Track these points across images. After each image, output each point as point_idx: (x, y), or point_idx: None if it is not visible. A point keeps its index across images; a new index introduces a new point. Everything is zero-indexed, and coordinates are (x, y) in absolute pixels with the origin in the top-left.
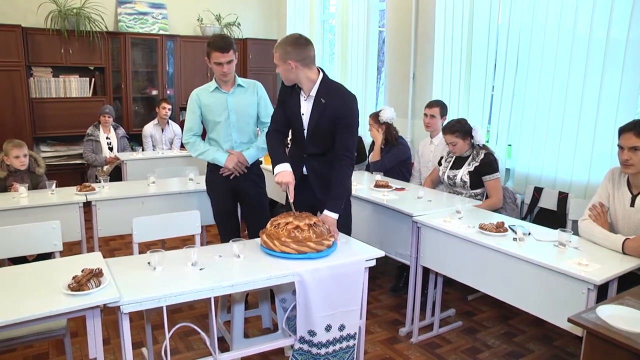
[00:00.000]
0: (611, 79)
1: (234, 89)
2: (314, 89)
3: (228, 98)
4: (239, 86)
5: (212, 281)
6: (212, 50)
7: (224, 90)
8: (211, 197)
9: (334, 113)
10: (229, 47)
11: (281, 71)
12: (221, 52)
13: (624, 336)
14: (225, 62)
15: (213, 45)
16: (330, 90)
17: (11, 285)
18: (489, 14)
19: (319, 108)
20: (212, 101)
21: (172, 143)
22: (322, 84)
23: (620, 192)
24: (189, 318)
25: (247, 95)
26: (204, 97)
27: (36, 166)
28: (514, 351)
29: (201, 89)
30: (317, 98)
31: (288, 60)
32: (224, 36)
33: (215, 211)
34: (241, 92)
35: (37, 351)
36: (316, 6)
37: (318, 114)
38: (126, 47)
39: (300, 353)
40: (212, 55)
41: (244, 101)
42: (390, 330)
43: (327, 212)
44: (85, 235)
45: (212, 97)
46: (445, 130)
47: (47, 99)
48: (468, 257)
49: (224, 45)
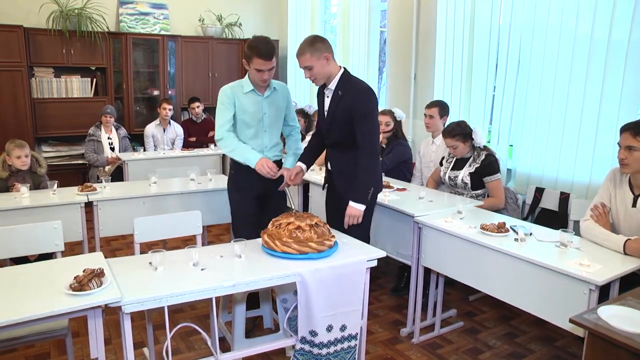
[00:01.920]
0: (613, 79)
1: (269, 92)
2: (333, 82)
3: (263, 102)
4: (274, 89)
5: (213, 281)
6: (255, 56)
7: (259, 93)
8: (233, 200)
9: (350, 105)
10: (273, 54)
11: (318, 69)
12: (264, 59)
13: (625, 337)
14: (267, 69)
15: (256, 51)
16: (348, 84)
17: (13, 285)
18: (490, 14)
19: (336, 99)
20: (247, 103)
21: (174, 143)
22: (343, 78)
23: (621, 192)
24: (191, 318)
25: (280, 99)
26: (239, 97)
27: (38, 166)
28: (515, 352)
29: (235, 87)
30: (336, 91)
31: (323, 54)
32: (267, 41)
33: (235, 215)
34: (275, 95)
35: (38, 351)
36: (317, 6)
37: (335, 106)
38: (127, 47)
39: (302, 353)
40: (254, 60)
41: (278, 104)
42: (392, 330)
43: (351, 204)
44: (87, 236)
45: (247, 98)
46: (445, 134)
47: (49, 99)
48: (469, 257)
49: (267, 53)
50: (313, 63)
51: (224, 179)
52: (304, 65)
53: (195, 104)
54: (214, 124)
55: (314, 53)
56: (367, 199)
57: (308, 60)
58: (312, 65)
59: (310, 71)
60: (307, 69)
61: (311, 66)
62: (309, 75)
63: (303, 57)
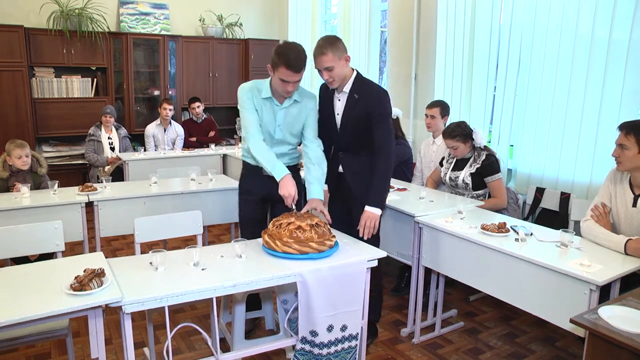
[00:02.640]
0: (613, 79)
1: (288, 102)
2: (348, 84)
3: (279, 113)
4: (295, 101)
5: (214, 281)
6: (282, 66)
7: (277, 103)
8: (240, 200)
9: (366, 107)
10: (303, 67)
11: (338, 70)
12: (293, 71)
13: (626, 337)
14: (292, 81)
15: (285, 60)
16: (363, 86)
17: (13, 285)
18: (490, 14)
19: (352, 103)
20: (262, 109)
21: (175, 143)
22: (356, 81)
23: (622, 192)
24: (191, 318)
25: (300, 112)
26: (257, 100)
27: (38, 166)
28: (516, 352)
29: (254, 88)
30: (351, 94)
31: (344, 56)
32: (299, 51)
33: (243, 215)
34: (294, 108)
35: (39, 351)
36: (318, 6)
37: (351, 109)
38: (128, 47)
39: (302, 353)
40: (280, 69)
41: (295, 116)
42: (392, 330)
43: (367, 208)
44: (87, 236)
45: (262, 104)
46: (445, 135)
47: (49, 99)
48: (470, 257)
49: (297, 65)
50: (334, 64)
51: (225, 179)
52: (325, 66)
53: (195, 104)
54: (214, 124)
55: (336, 53)
56: (384, 204)
57: (330, 60)
58: (333, 66)
59: (330, 72)
60: (327, 70)
61: (332, 67)
62: (327, 77)
63: (325, 57)
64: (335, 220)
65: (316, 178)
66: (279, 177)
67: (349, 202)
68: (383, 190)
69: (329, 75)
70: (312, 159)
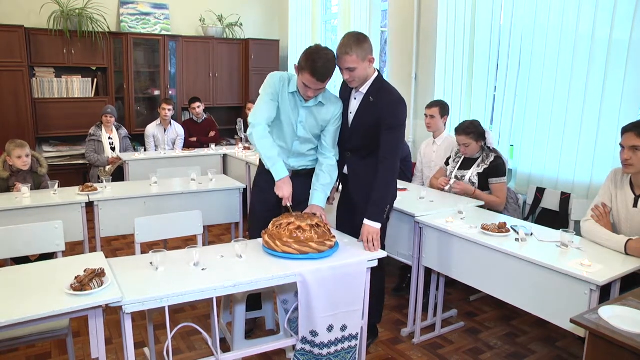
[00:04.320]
0: (614, 79)
1: (313, 102)
2: (366, 85)
3: (302, 110)
4: (320, 103)
5: (214, 281)
6: (308, 72)
7: (302, 99)
8: (255, 199)
9: (377, 114)
10: (328, 77)
11: (360, 71)
12: (317, 79)
13: (626, 337)
14: (314, 88)
15: (311, 67)
16: (380, 91)
17: (14, 285)
18: (491, 13)
19: (366, 105)
20: (287, 103)
21: (175, 143)
22: (376, 82)
23: (622, 192)
24: (191, 318)
25: (322, 115)
26: (284, 93)
27: (39, 166)
28: (516, 352)
29: (285, 79)
30: (367, 96)
31: (368, 56)
32: (328, 60)
33: (252, 212)
34: (318, 109)
35: (39, 351)
36: (318, 6)
37: (363, 111)
38: (128, 47)
39: (303, 353)
40: (304, 75)
41: (317, 119)
42: (393, 330)
43: (366, 222)
44: (88, 236)
45: (288, 98)
46: (459, 131)
47: (50, 99)
48: (470, 257)
49: (323, 74)
50: (357, 65)
51: (225, 179)
52: (347, 66)
53: (195, 104)
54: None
55: (361, 54)
56: (384, 217)
57: (353, 62)
58: (356, 67)
59: (351, 73)
60: (349, 70)
61: (355, 68)
62: (348, 77)
63: (348, 57)
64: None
65: (322, 185)
66: (278, 178)
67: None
68: (383, 203)
69: (349, 75)
70: (323, 165)
